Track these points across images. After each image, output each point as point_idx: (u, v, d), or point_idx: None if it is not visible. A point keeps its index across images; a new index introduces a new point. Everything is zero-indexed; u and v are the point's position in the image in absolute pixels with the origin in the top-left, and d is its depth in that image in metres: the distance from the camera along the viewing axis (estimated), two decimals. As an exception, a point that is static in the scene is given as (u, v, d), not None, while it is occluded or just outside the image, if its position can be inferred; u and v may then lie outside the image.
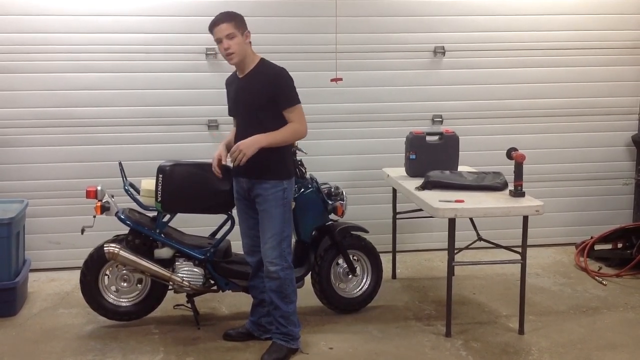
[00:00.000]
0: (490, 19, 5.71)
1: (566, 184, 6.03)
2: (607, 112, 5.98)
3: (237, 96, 3.78)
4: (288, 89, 3.70)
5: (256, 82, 3.70)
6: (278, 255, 3.73)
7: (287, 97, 3.69)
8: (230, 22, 3.64)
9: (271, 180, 3.71)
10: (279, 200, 3.73)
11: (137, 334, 4.17)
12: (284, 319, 3.82)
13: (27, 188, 5.29)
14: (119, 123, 5.38)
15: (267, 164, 3.70)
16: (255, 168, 3.68)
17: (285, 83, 3.70)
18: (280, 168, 3.75)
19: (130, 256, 4.07)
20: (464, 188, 4.33)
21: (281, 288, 3.77)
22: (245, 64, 3.72)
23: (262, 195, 3.72)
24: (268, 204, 3.72)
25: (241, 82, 3.76)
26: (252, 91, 3.70)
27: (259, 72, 3.72)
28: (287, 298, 3.80)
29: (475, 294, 4.89)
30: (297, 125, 3.70)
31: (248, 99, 3.71)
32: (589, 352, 3.94)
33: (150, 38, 5.34)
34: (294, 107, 3.70)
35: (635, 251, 5.25)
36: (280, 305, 3.79)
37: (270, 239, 3.73)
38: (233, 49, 3.62)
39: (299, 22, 5.51)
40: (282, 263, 3.75)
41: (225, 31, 3.62)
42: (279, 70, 3.72)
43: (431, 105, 5.74)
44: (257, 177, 3.72)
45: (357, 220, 4.80)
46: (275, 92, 3.66)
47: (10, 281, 4.41)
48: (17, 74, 5.23)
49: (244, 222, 3.93)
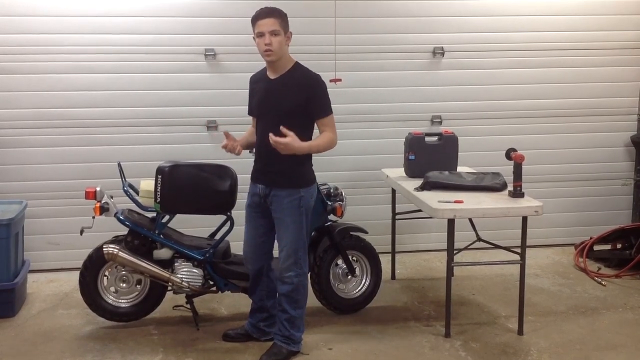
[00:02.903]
0: (489, 20, 5.71)
1: (565, 185, 6.03)
2: (606, 112, 5.98)
3: (266, 97, 3.69)
4: (324, 98, 3.66)
5: (291, 86, 3.63)
6: (293, 262, 3.72)
7: (322, 106, 3.65)
8: (277, 19, 3.56)
9: (287, 188, 3.67)
10: (295, 209, 3.68)
11: (136, 334, 4.17)
12: (289, 323, 3.80)
13: (26, 189, 5.29)
14: (118, 124, 5.38)
15: (286, 172, 3.66)
16: (274, 175, 3.67)
17: (321, 91, 3.65)
18: (298, 176, 3.70)
19: (130, 257, 4.07)
20: (463, 189, 4.33)
21: (292, 293, 3.75)
22: (280, 64, 3.64)
23: (278, 203, 3.69)
24: (283, 213, 3.68)
25: (273, 83, 3.68)
26: (285, 94, 3.62)
27: (295, 77, 3.65)
28: (297, 303, 3.79)
29: (475, 294, 4.89)
30: (332, 135, 3.67)
31: (279, 101, 3.63)
32: (588, 352, 3.94)
33: (149, 39, 5.33)
34: (328, 116, 3.67)
35: (635, 252, 5.25)
36: (288, 310, 3.77)
37: (286, 246, 3.71)
38: (274, 47, 3.54)
39: (298, 23, 5.43)
40: (297, 270, 3.73)
41: (270, 26, 3.53)
42: (316, 77, 3.66)
43: (430, 105, 5.74)
44: (273, 185, 3.68)
45: (356, 220, 4.79)
46: (310, 99, 3.60)
47: (9, 282, 4.41)
48: (17, 74, 5.23)
49: (252, 230, 3.86)
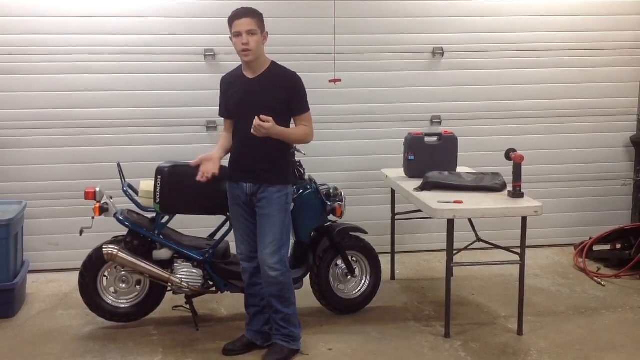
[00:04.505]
0: (488, 20, 5.71)
1: (565, 185, 6.03)
2: (605, 112, 5.98)
3: (246, 96, 3.71)
4: (303, 95, 3.73)
5: (271, 84, 3.67)
6: (278, 261, 3.71)
7: (301, 103, 3.72)
8: (254, 19, 3.61)
9: (278, 184, 3.71)
10: (283, 205, 3.72)
11: (136, 335, 4.17)
12: (285, 322, 3.81)
13: (25, 189, 5.29)
14: (118, 124, 5.38)
15: (275, 168, 3.71)
16: (263, 172, 3.69)
17: (300, 89, 3.72)
18: (286, 173, 3.80)
19: (129, 257, 4.07)
20: (462, 189, 4.33)
21: (281, 292, 3.76)
22: (257, 64, 3.68)
23: (267, 199, 3.70)
24: (271, 208, 3.69)
25: (253, 82, 3.70)
26: (266, 93, 3.66)
27: (273, 75, 3.70)
28: (287, 301, 3.80)
29: (474, 294, 4.89)
30: (309, 130, 3.76)
31: (261, 99, 3.66)
32: (588, 352, 3.94)
33: (149, 39, 5.33)
34: (306, 113, 3.74)
35: (634, 252, 5.25)
36: (281, 309, 3.78)
37: (271, 244, 3.70)
38: (251, 46, 3.57)
39: (298, 23, 5.51)
40: (282, 268, 3.73)
41: (247, 26, 3.57)
42: (294, 75, 3.73)
43: (430, 106, 5.74)
44: (263, 182, 3.69)
45: (355, 221, 4.79)
46: (290, 97, 3.67)
47: (8, 282, 4.41)
48: (16, 74, 5.23)
49: (242, 229, 3.85)
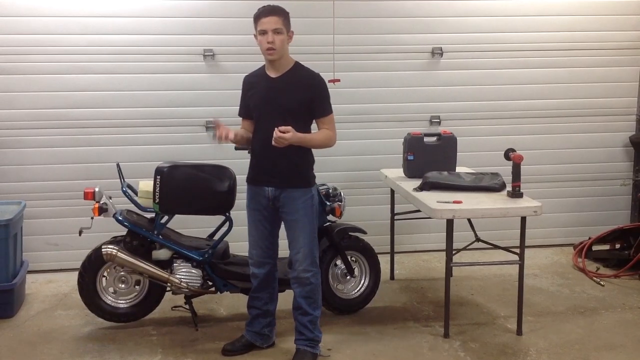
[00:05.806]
0: (488, 20, 5.72)
1: (564, 185, 6.04)
2: (604, 113, 5.98)
3: (268, 95, 3.66)
4: (326, 97, 3.70)
5: (295, 84, 3.64)
6: (311, 263, 3.71)
7: (323, 105, 3.68)
8: (281, 17, 3.57)
9: (301, 187, 3.67)
10: (309, 209, 3.69)
11: (135, 335, 4.17)
12: (312, 324, 3.79)
13: (24, 189, 5.28)
14: (117, 124, 5.37)
15: (297, 171, 3.66)
16: (286, 175, 3.64)
17: (323, 90, 3.68)
18: (309, 174, 3.73)
19: (128, 258, 4.07)
20: (461, 189, 4.33)
21: (311, 293, 3.75)
22: (281, 63, 3.64)
23: (292, 204, 3.66)
24: (299, 214, 3.66)
25: (276, 81, 3.66)
26: (289, 93, 3.62)
27: (297, 75, 3.67)
28: (316, 303, 3.79)
29: (473, 294, 4.89)
30: (331, 133, 3.71)
31: (283, 99, 3.62)
32: (587, 352, 3.94)
33: (148, 39, 5.33)
34: (329, 115, 3.70)
35: (633, 252, 5.25)
36: (309, 311, 3.77)
37: (303, 247, 3.69)
38: (276, 45, 3.54)
39: (297, 23, 5.39)
40: (314, 269, 3.73)
41: (274, 24, 3.54)
42: (317, 76, 3.69)
43: (429, 106, 5.74)
44: (286, 185, 3.65)
45: (355, 221, 4.78)
46: (313, 98, 3.63)
47: (7, 283, 4.40)
48: (16, 74, 5.22)
49: (256, 234, 3.80)
